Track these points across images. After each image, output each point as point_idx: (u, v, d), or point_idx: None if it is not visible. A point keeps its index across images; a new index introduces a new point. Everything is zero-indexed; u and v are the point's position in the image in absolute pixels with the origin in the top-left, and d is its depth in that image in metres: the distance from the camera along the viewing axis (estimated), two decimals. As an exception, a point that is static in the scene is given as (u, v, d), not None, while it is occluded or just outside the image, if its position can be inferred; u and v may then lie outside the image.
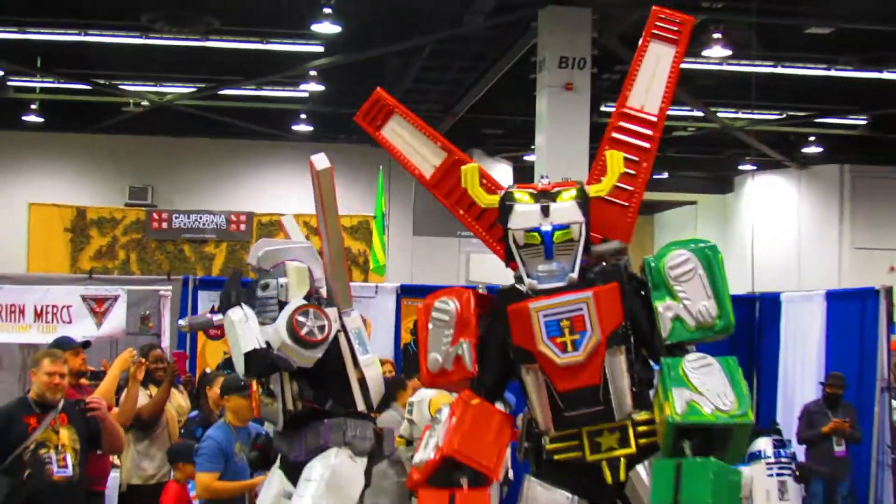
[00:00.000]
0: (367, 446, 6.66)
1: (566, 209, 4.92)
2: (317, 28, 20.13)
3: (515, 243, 4.91)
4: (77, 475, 7.88)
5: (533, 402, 5.02)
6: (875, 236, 31.59)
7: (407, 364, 12.82)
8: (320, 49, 22.28)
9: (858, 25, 19.38)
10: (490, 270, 24.85)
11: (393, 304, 13.35)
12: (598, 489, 4.96)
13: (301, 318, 6.26)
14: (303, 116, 28.32)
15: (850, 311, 12.32)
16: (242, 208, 26.04)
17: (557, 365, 4.76)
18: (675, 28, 5.36)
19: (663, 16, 5.39)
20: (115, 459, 9.61)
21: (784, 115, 27.20)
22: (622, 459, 4.88)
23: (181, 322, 8.97)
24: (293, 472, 6.60)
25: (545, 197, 4.93)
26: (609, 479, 4.90)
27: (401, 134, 5.50)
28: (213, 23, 20.81)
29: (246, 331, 6.46)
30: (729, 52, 21.46)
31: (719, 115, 25.86)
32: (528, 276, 4.88)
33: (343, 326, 6.70)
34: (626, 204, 5.19)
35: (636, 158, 5.28)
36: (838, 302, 13.21)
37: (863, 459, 13.02)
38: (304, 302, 6.44)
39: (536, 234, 4.84)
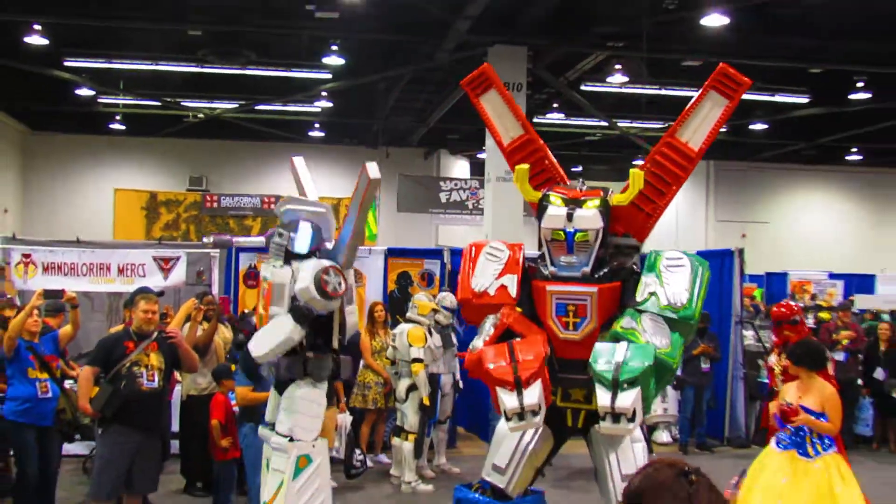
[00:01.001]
0: (325, 374, 6.57)
1: (588, 217, 4.79)
2: (326, 60, 20.17)
3: (545, 237, 4.81)
4: (161, 387, 7.92)
5: None
6: (731, 213, 31.96)
7: (392, 305, 12.83)
8: (329, 76, 22.24)
9: (720, 59, 19.34)
10: (451, 238, 24.96)
11: (382, 262, 13.31)
12: (561, 427, 4.88)
13: (326, 277, 6.17)
14: (316, 125, 28.39)
15: (713, 266, 12.37)
16: (272, 192, 25.96)
17: (559, 337, 4.68)
18: (734, 87, 5.12)
19: (728, 74, 5.14)
20: (177, 376, 9.60)
21: (666, 125, 27.09)
22: (582, 412, 4.80)
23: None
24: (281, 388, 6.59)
25: (573, 203, 4.81)
26: (570, 422, 4.83)
27: (494, 105, 5.37)
28: (251, 55, 20.83)
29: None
30: (626, 79, 21.54)
31: (619, 124, 25.83)
32: (552, 263, 4.78)
33: None
34: (650, 214, 5.06)
35: (668, 181, 5.07)
36: (706, 259, 13.21)
37: (721, 374, 13.14)
38: (327, 263, 6.30)
39: (562, 233, 4.74)
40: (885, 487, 10.05)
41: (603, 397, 4.03)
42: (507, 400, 4.21)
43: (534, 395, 4.19)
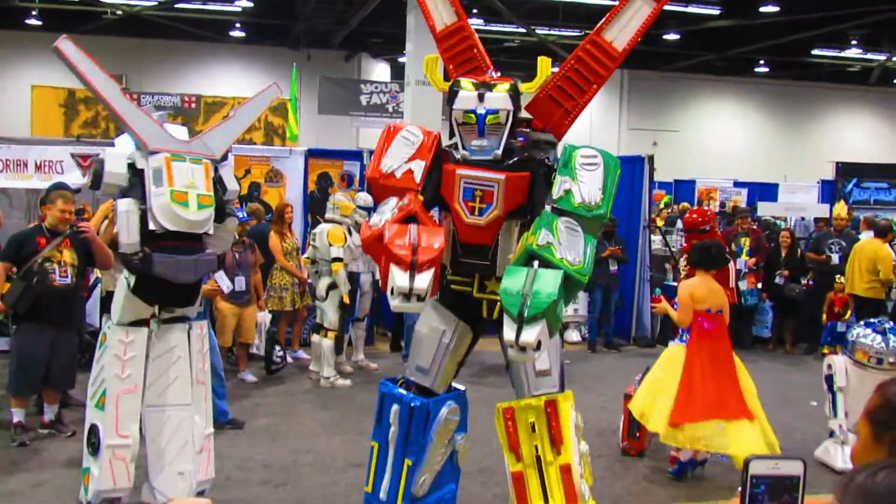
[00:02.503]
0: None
1: (498, 98, 4.65)
2: (247, -41, 19.60)
3: (456, 121, 4.73)
4: (74, 284, 7.85)
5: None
6: (642, 121, 32.21)
7: (312, 205, 12.77)
8: (250, -25, 21.67)
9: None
10: (371, 141, 24.72)
11: (302, 162, 13.16)
12: (477, 319, 4.88)
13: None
14: (237, 25, 27.82)
15: (624, 172, 12.48)
16: (193, 91, 25.43)
17: (464, 222, 4.63)
18: None
19: None
20: (98, 273, 9.48)
21: (583, 33, 27.01)
22: (498, 304, 4.78)
23: None
24: None
25: (484, 87, 4.72)
26: (485, 313, 4.84)
27: None
28: None
29: None
30: (546, -13, 21.44)
31: (537, 31, 25.70)
32: (464, 147, 4.70)
33: None
34: (570, 111, 4.98)
35: (590, 79, 4.89)
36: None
37: (629, 276, 13.39)
38: None
39: (472, 115, 4.64)
40: (779, 386, 10.44)
41: (508, 331, 4.02)
42: (399, 279, 4.16)
43: (424, 280, 4.14)
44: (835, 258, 12.99)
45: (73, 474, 7.03)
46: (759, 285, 13.15)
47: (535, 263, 4.19)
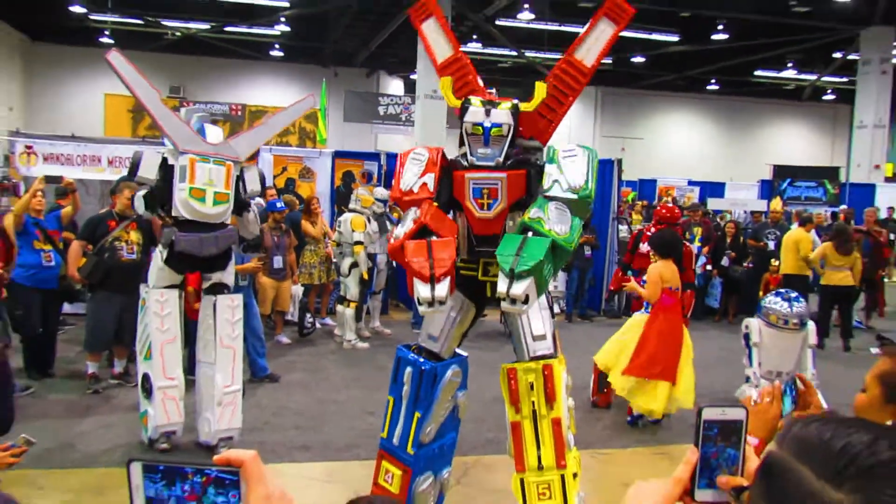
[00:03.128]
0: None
1: (501, 114, 4.58)
2: (285, -9, 19.58)
3: (466, 132, 4.72)
4: (139, 258, 7.84)
5: (459, 236, 4.74)
6: (613, 130, 32.18)
7: (338, 198, 12.74)
8: (287, 3, 21.74)
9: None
10: (388, 144, 24.74)
11: (330, 162, 13.12)
12: (483, 299, 4.88)
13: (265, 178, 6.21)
14: (276, 46, 27.72)
15: (599, 172, 12.60)
16: (238, 101, 25.35)
17: (476, 216, 4.63)
18: (621, 13, 4.77)
19: (617, 2, 4.79)
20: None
21: (565, 56, 26.87)
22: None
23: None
24: None
25: (490, 104, 4.70)
26: (489, 293, 4.84)
27: (432, 30, 5.17)
28: None
29: None
30: (533, 16, 21.32)
31: (526, 54, 25.59)
32: (471, 154, 4.70)
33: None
34: (551, 121, 4.96)
35: (566, 93, 4.84)
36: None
37: (600, 260, 13.37)
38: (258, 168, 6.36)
39: (480, 127, 4.64)
40: (722, 352, 10.41)
41: (501, 284, 4.07)
42: (422, 290, 4.21)
43: (443, 289, 4.19)
44: (771, 245, 12.96)
45: (137, 417, 7.05)
46: (709, 267, 13.15)
47: (529, 233, 4.22)
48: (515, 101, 4.78)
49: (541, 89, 4.74)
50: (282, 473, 5.98)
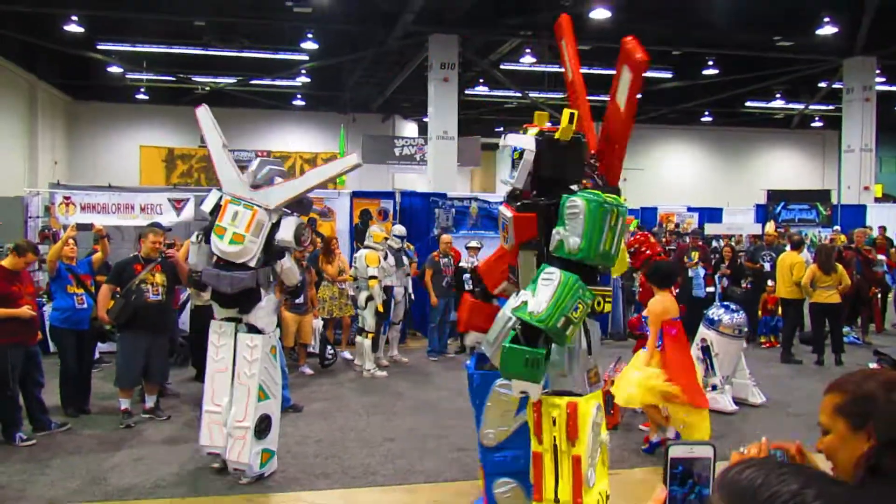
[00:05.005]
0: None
1: (522, 139, 4.33)
2: (304, 45, 19.96)
3: None
4: (164, 299, 7.79)
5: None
6: (615, 162, 31.98)
7: (357, 234, 12.68)
8: (307, 57, 21.91)
9: (605, 44, 19.33)
10: (403, 183, 24.79)
11: (348, 201, 13.14)
12: None
13: (304, 232, 6.19)
14: (297, 96, 28.02)
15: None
16: (264, 147, 25.53)
17: (503, 246, 4.49)
18: (635, 56, 4.73)
19: (626, 51, 4.73)
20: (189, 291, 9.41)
21: (564, 95, 26.84)
22: None
23: None
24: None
25: (525, 131, 4.45)
26: None
27: (567, 46, 4.98)
28: (245, 41, 20.68)
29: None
30: (535, 60, 21.35)
31: (530, 95, 25.60)
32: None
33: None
34: (609, 161, 4.72)
35: (612, 137, 4.71)
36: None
37: (606, 284, 13.13)
38: (301, 221, 6.16)
39: (515, 152, 4.45)
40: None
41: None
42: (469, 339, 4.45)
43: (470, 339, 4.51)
44: (766, 266, 12.76)
45: (167, 450, 6.94)
46: (710, 289, 12.91)
47: (506, 344, 3.89)
48: (545, 131, 4.44)
49: (566, 115, 4.34)
50: (302, 500, 5.84)
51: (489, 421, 4.69)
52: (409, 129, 30.36)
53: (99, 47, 21.07)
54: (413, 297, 11.71)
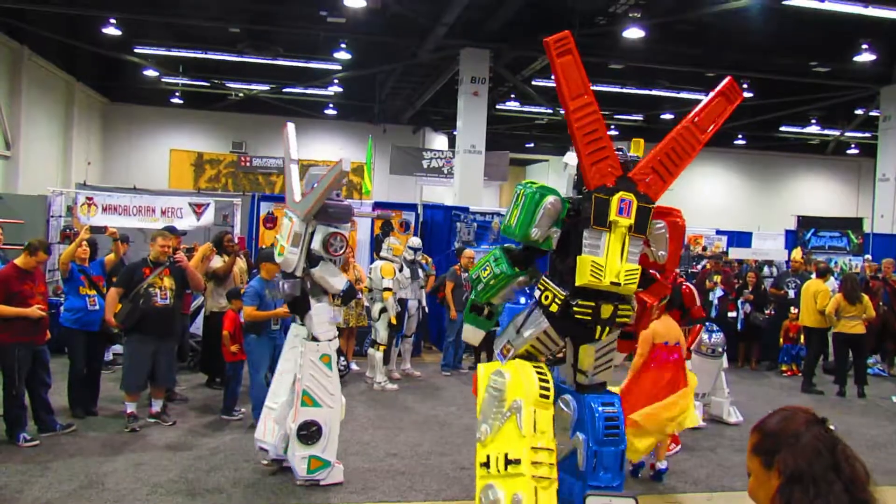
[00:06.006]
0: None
1: (570, 155, 5.22)
2: (337, 55, 19.92)
3: None
4: (172, 304, 7.75)
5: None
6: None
7: (377, 244, 12.58)
8: (339, 67, 21.96)
9: (638, 64, 19.20)
10: (431, 195, 24.70)
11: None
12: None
13: (332, 241, 6.23)
14: (330, 105, 28.04)
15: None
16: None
17: None
18: (735, 95, 5.18)
19: (733, 86, 5.18)
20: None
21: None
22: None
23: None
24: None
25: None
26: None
27: (568, 66, 4.87)
28: (279, 49, 20.70)
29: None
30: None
31: (561, 111, 25.39)
32: None
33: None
34: (665, 178, 5.31)
35: (684, 153, 5.29)
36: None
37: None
38: (333, 229, 6.25)
39: None
40: (741, 395, 9.94)
41: None
42: None
43: None
44: (791, 293, 12.47)
45: (169, 456, 6.88)
46: (732, 314, 12.65)
47: None
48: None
49: (634, 144, 5.35)
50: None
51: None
52: (440, 141, 30.30)
53: (136, 51, 21.31)
54: (427, 310, 11.59)
